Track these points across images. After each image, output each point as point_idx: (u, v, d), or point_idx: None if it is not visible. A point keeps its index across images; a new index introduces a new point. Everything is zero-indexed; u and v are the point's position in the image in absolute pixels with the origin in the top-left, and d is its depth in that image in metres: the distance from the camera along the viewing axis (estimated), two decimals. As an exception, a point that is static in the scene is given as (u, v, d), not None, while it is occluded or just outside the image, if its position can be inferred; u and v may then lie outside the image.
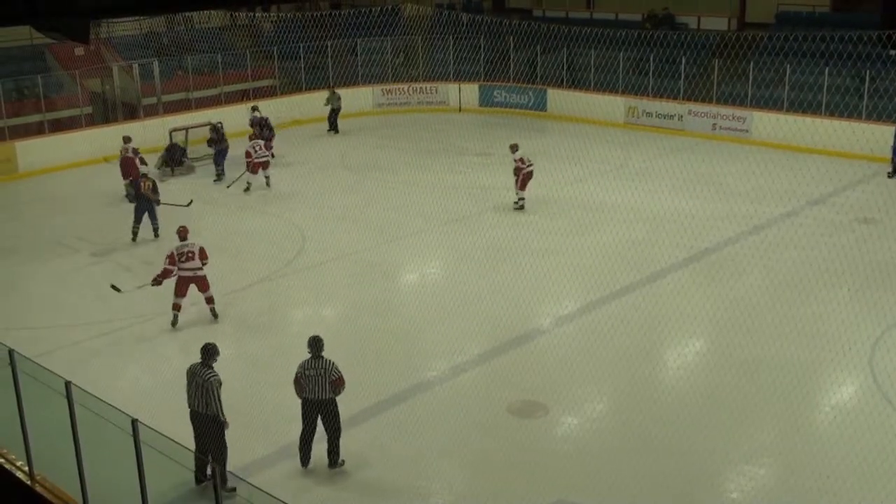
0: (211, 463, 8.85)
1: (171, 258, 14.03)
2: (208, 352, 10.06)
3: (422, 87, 30.28)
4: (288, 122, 26.11)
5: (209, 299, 14.24)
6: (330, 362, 10.14)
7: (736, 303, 14.33)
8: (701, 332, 13.87)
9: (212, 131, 22.83)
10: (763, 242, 17.05)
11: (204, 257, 14.02)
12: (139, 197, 18.32)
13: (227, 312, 14.63)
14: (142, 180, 18.34)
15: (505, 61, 29.65)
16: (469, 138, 26.30)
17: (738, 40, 24.72)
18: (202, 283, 14.15)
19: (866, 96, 23.11)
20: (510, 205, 19.69)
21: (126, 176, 20.19)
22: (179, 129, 23.71)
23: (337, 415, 10.20)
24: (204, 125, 23.76)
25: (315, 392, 10.08)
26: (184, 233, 14.12)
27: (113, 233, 18.80)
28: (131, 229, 18.19)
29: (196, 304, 14.82)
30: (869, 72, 23.00)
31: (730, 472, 10.36)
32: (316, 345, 10.24)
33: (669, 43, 25.29)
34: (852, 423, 10.84)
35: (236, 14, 29.16)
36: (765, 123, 24.17)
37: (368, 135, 26.75)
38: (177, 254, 13.97)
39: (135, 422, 7.78)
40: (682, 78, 26.24)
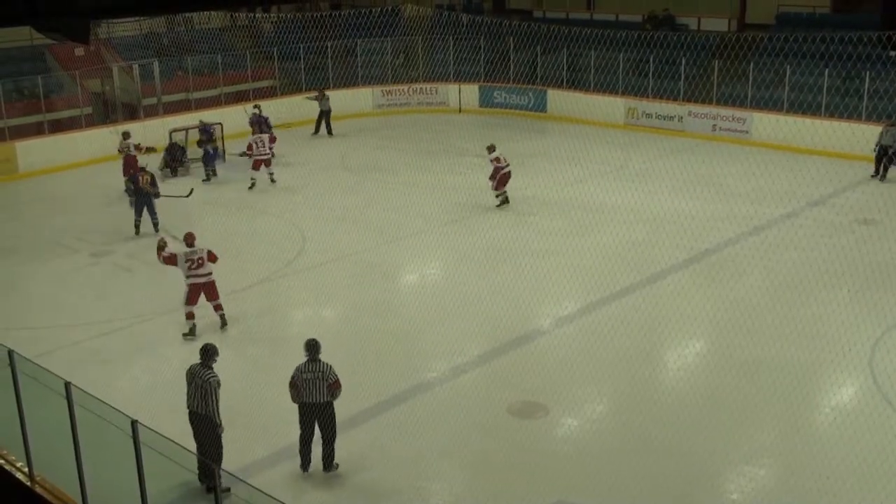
0: (211, 464, 8.83)
1: (172, 258, 13.67)
2: (207, 352, 10.02)
3: (422, 88, 30.28)
4: (280, 125, 25.83)
5: (217, 307, 14.00)
6: (327, 365, 10.11)
7: (736, 304, 14.33)
8: (701, 333, 13.86)
9: (202, 132, 22.81)
10: (763, 243, 17.04)
11: (213, 259, 13.80)
12: (138, 191, 18.48)
13: (227, 313, 14.61)
14: (140, 174, 18.49)
15: (505, 62, 29.66)
16: (469, 139, 26.26)
17: (738, 41, 24.73)
18: (211, 290, 13.88)
19: (866, 97, 23.11)
20: (511, 205, 19.67)
21: (127, 173, 20.26)
22: (179, 130, 23.71)
23: (333, 419, 10.18)
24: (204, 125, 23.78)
25: (313, 395, 10.05)
26: (191, 239, 13.70)
27: (113, 233, 18.81)
28: (133, 223, 18.41)
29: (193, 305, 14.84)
30: (869, 73, 23.00)
31: (730, 473, 10.35)
32: (313, 348, 10.19)
33: (669, 44, 25.29)
34: (852, 423, 10.84)
35: (236, 15, 29.16)
36: (765, 124, 24.18)
37: (368, 136, 26.75)
38: (185, 261, 13.67)
39: (134, 423, 7.77)
40: (682, 79, 26.25)
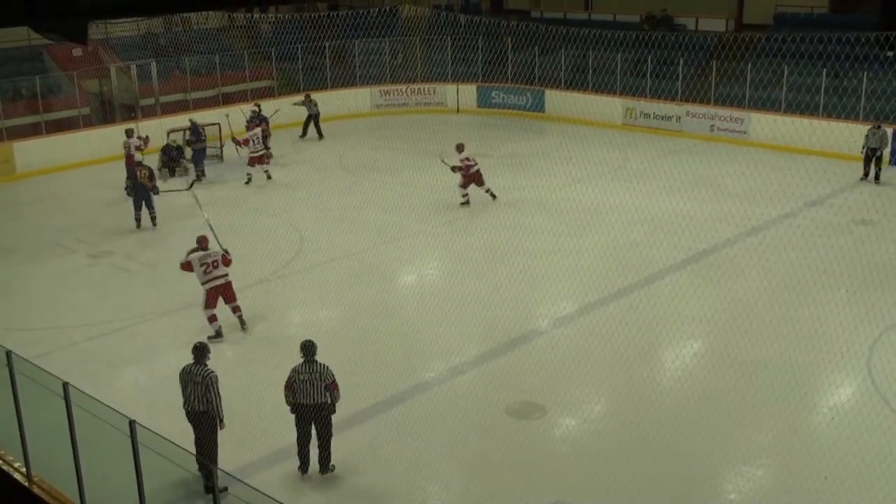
0: (209, 464, 8.83)
1: (188, 266, 13.69)
2: (200, 351, 10.06)
3: (420, 88, 30.28)
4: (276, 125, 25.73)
5: (235, 308, 13.99)
6: (323, 366, 10.11)
7: (734, 304, 14.34)
8: (699, 333, 13.88)
9: (192, 133, 22.79)
10: (761, 244, 17.05)
11: (227, 262, 13.79)
12: (136, 185, 18.80)
13: (224, 314, 14.61)
14: (138, 169, 18.79)
15: (503, 62, 29.66)
16: (467, 139, 26.18)
17: (735, 41, 24.76)
18: (229, 292, 13.88)
19: (864, 98, 23.13)
20: (508, 205, 19.70)
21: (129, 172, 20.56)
22: (177, 130, 23.71)
23: (329, 420, 10.18)
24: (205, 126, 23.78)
25: (310, 396, 10.04)
26: (204, 242, 13.71)
27: (112, 233, 18.82)
28: (133, 217, 18.80)
29: (193, 306, 14.82)
30: (866, 73, 23.03)
31: (728, 474, 10.36)
32: (308, 349, 10.19)
33: (667, 44, 25.32)
34: (850, 424, 10.85)
35: (234, 15, 29.16)
36: (762, 125, 24.19)
37: (366, 136, 26.73)
38: (200, 265, 13.62)
39: (132, 423, 7.77)
40: (680, 79, 26.26)
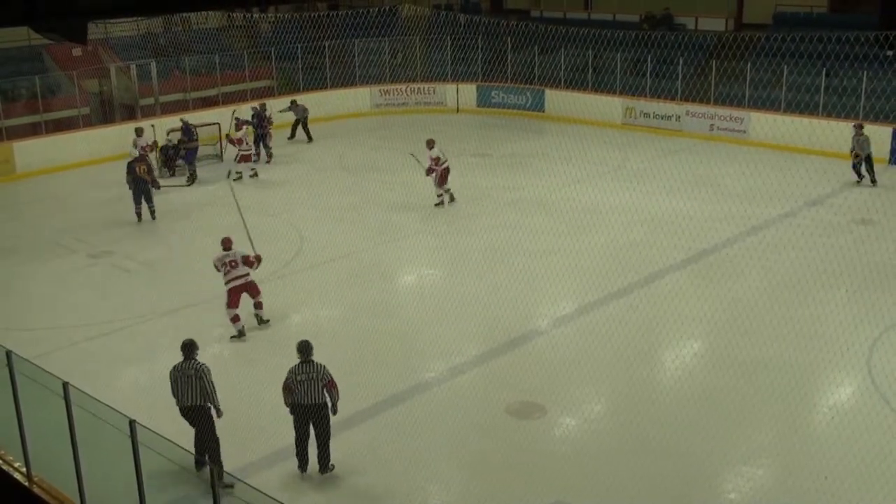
0: (209, 464, 8.84)
1: (216, 267, 13.88)
2: (188, 348, 10.24)
3: (419, 88, 30.27)
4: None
5: (258, 304, 14.06)
6: (320, 366, 10.10)
7: (734, 304, 14.34)
8: (699, 333, 13.88)
9: (184, 133, 22.80)
10: (761, 243, 17.05)
11: (248, 263, 13.83)
12: (136, 180, 19.10)
13: (224, 313, 14.61)
14: (137, 164, 19.13)
15: (503, 62, 29.66)
16: (467, 139, 26.31)
17: (735, 41, 24.76)
18: (253, 289, 13.96)
19: (863, 97, 23.13)
20: (508, 205, 19.70)
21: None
22: (177, 130, 23.69)
23: (328, 419, 10.17)
24: (203, 126, 23.77)
25: (308, 396, 10.03)
26: (228, 244, 13.87)
27: (112, 233, 18.83)
28: (134, 212, 19.25)
29: (193, 306, 14.84)
30: (866, 73, 23.03)
31: (728, 474, 10.36)
32: (305, 350, 10.19)
33: (667, 44, 25.33)
34: (850, 424, 10.85)
35: (234, 15, 29.15)
36: (762, 124, 24.19)
37: (366, 135, 26.71)
38: (220, 264, 13.76)
39: (132, 423, 7.77)
40: (680, 79, 26.26)
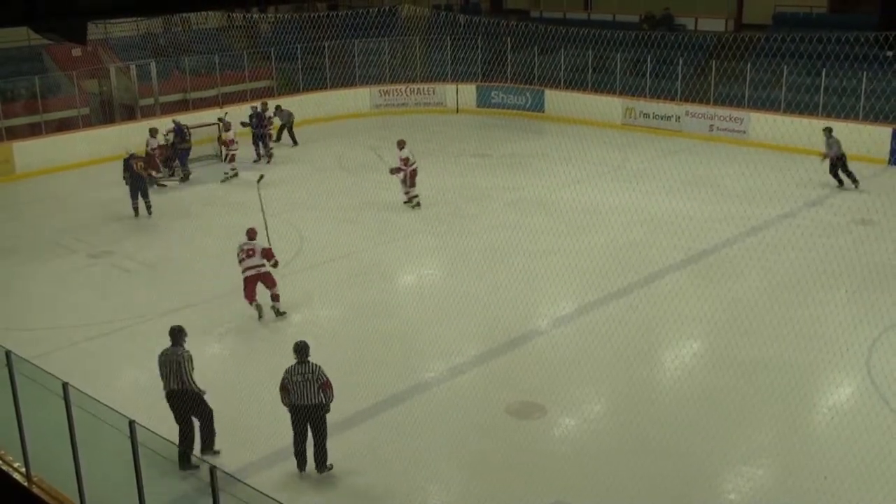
0: (203, 459, 8.87)
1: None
2: (176, 334, 10.53)
3: (419, 88, 30.28)
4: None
5: (275, 296, 14.36)
6: (316, 366, 10.12)
7: (733, 304, 14.34)
8: (698, 333, 13.88)
9: (176, 133, 22.80)
10: (760, 244, 17.05)
11: (268, 256, 14.20)
12: (133, 176, 19.49)
13: (224, 313, 14.64)
14: (134, 161, 19.49)
15: (502, 62, 29.67)
16: (466, 139, 26.33)
17: (735, 41, 24.77)
18: (268, 280, 14.30)
19: (863, 97, 23.14)
20: (508, 205, 19.70)
21: (152, 167, 21.40)
22: (171, 131, 23.67)
23: (324, 420, 10.18)
24: (201, 126, 23.77)
25: (304, 397, 10.04)
26: (252, 234, 14.32)
27: (111, 233, 18.84)
28: (131, 206, 19.66)
29: (193, 306, 14.84)
30: (866, 73, 23.04)
31: (728, 474, 10.36)
32: (301, 350, 10.20)
33: (667, 44, 25.33)
34: (850, 424, 10.86)
35: (233, 15, 29.15)
36: (762, 124, 24.19)
37: (366, 136, 26.69)
38: (239, 251, 14.22)
39: (132, 423, 7.78)
40: (680, 79, 26.27)
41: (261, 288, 14.31)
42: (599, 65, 28.17)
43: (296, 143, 26.10)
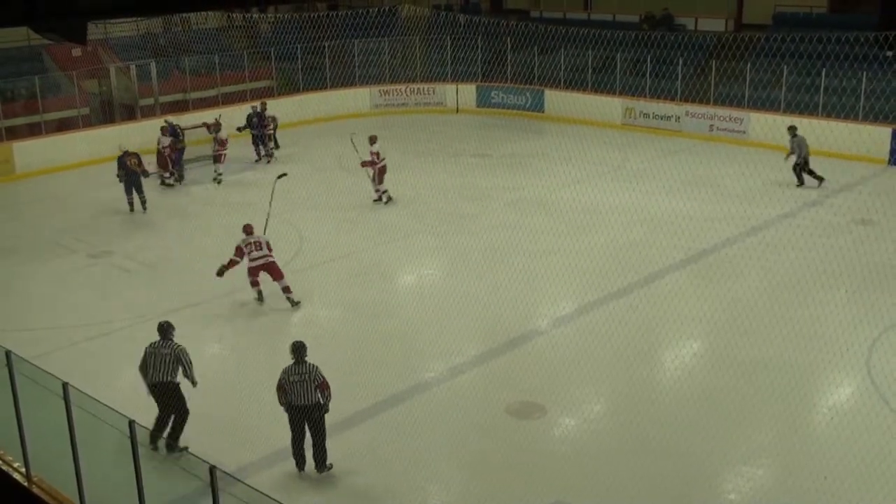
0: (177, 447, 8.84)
1: (239, 250, 14.72)
2: (165, 329, 10.75)
3: (419, 88, 30.27)
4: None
5: (286, 288, 14.67)
6: (313, 367, 10.11)
7: (733, 304, 14.35)
8: (698, 333, 13.88)
9: (169, 134, 22.73)
10: (760, 244, 17.06)
11: (270, 248, 14.75)
12: (127, 172, 19.72)
13: (224, 313, 14.64)
14: (127, 157, 19.70)
15: (502, 62, 29.67)
16: (466, 139, 26.33)
17: (735, 41, 24.77)
18: (274, 271, 14.68)
19: (863, 97, 23.14)
20: (508, 205, 19.70)
21: (161, 165, 21.83)
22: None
23: (322, 419, 10.17)
24: (200, 126, 23.76)
25: (301, 397, 10.04)
26: (249, 229, 14.78)
27: (111, 233, 18.84)
28: (126, 202, 19.88)
29: (193, 306, 14.84)
30: (866, 73, 23.04)
31: (728, 474, 10.37)
32: (298, 350, 10.20)
33: (667, 44, 25.33)
34: (850, 424, 10.86)
35: (233, 15, 29.14)
36: (762, 124, 24.18)
37: (366, 136, 26.64)
38: (244, 246, 14.62)
39: (132, 423, 7.78)
40: (680, 79, 26.27)
41: (266, 279, 14.68)
42: (599, 65, 28.18)
43: (277, 146, 25.77)
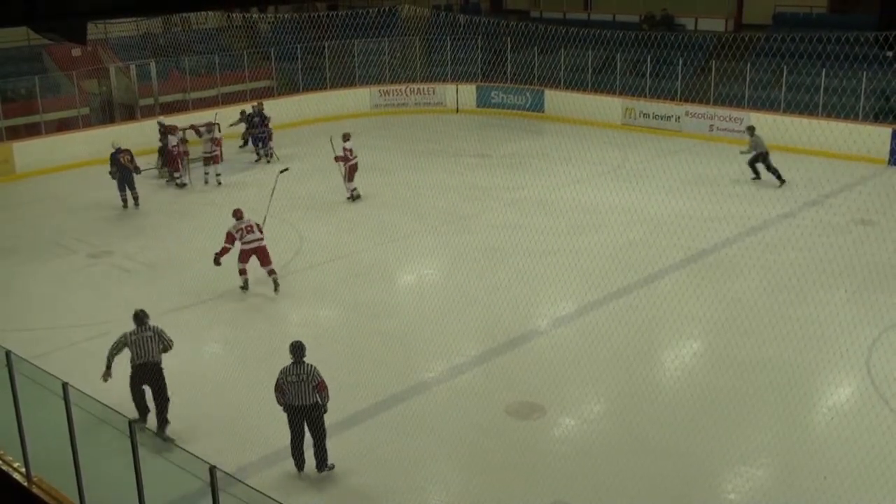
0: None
1: (230, 236, 14.98)
2: (141, 317, 11.03)
3: (419, 88, 30.27)
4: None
5: (271, 271, 15.07)
6: (311, 367, 10.10)
7: (733, 304, 14.35)
8: (698, 333, 13.88)
9: (161, 133, 22.72)
10: (760, 244, 17.06)
11: (262, 231, 15.15)
12: (120, 169, 19.96)
13: (224, 313, 14.64)
14: (120, 155, 19.99)
15: (502, 62, 29.67)
16: (466, 139, 26.29)
17: (735, 41, 24.77)
18: (263, 255, 15.01)
19: (863, 97, 23.14)
20: (508, 205, 19.69)
21: (170, 164, 21.99)
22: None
23: (321, 420, 10.17)
24: (201, 126, 23.75)
25: (299, 397, 10.04)
26: (239, 213, 15.15)
27: (112, 233, 18.84)
28: (120, 198, 20.20)
29: (193, 306, 14.85)
30: (866, 73, 23.04)
31: (727, 474, 10.37)
32: (297, 350, 10.20)
33: (666, 44, 25.32)
34: (849, 424, 10.87)
35: (233, 15, 29.13)
36: (762, 124, 24.17)
37: (365, 136, 26.65)
38: (235, 231, 14.94)
39: (132, 423, 7.79)
40: (680, 79, 26.27)
41: (253, 268, 14.99)
42: (599, 65, 28.18)
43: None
